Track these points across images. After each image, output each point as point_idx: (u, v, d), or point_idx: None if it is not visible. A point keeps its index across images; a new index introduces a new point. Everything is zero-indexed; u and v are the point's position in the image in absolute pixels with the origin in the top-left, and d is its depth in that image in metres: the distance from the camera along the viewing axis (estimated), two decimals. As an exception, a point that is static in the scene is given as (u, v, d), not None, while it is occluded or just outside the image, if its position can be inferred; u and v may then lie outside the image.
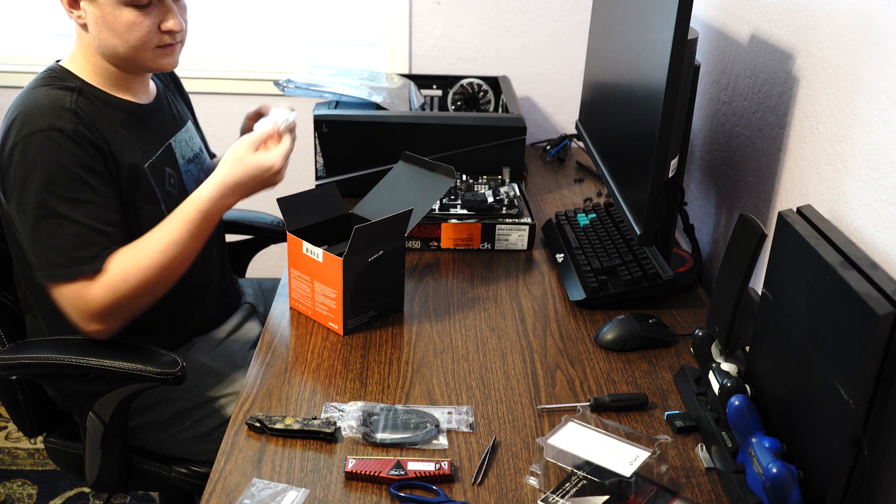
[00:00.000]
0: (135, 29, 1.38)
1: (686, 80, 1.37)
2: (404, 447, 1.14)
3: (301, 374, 1.30)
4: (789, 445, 1.04)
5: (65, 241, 1.30)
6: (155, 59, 1.43)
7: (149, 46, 1.41)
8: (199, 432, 1.51)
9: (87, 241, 1.31)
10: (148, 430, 1.52)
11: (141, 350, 1.37)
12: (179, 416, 1.51)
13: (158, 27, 1.40)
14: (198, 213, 1.38)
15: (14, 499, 2.15)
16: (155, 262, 1.35)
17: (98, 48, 1.41)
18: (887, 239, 1.06)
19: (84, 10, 1.38)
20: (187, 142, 1.61)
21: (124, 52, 1.40)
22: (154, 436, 1.52)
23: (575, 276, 1.57)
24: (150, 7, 1.38)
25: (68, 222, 1.30)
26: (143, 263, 1.35)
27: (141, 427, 1.51)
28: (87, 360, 1.33)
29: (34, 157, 1.30)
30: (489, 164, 1.93)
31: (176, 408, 1.51)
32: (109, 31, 1.38)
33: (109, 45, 1.39)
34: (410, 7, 2.37)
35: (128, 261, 1.34)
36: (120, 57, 1.41)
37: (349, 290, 1.36)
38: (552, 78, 2.45)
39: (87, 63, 1.43)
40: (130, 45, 1.39)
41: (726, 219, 1.71)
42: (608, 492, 1.04)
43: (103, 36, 1.38)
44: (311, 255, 1.39)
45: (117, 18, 1.37)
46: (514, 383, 1.29)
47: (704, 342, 1.26)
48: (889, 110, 1.08)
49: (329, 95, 1.99)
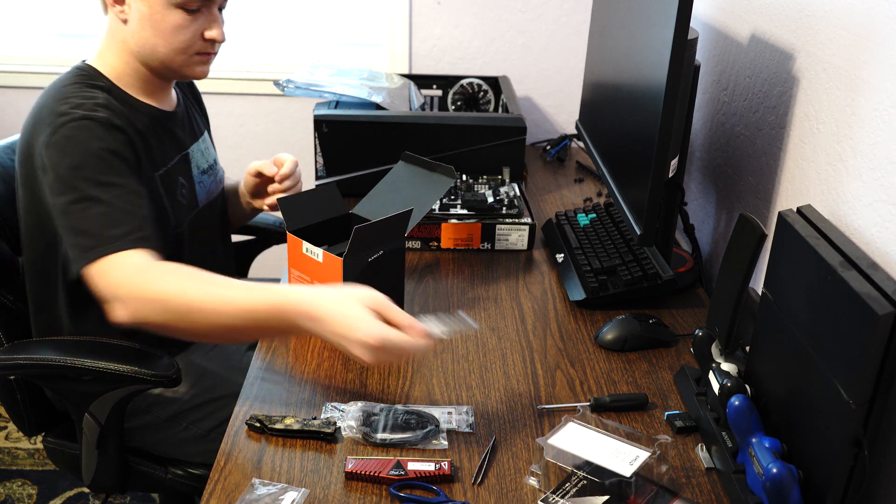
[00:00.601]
0: (180, 32, 1.38)
1: (686, 80, 1.37)
2: (404, 447, 1.14)
3: (301, 374, 1.30)
4: (789, 445, 1.04)
5: (95, 222, 1.27)
6: (191, 65, 1.44)
7: (189, 52, 1.42)
8: (195, 434, 1.51)
9: (115, 220, 1.27)
10: (145, 431, 1.52)
11: (137, 352, 1.37)
12: (176, 418, 1.51)
13: (201, 34, 1.41)
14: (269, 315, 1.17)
15: (14, 499, 2.15)
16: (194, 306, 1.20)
17: (135, 46, 1.40)
18: (887, 239, 1.06)
19: (129, 6, 1.37)
20: (203, 153, 1.62)
21: (164, 53, 1.40)
22: (151, 437, 1.52)
23: (575, 276, 1.57)
24: (198, 13, 1.39)
25: (96, 203, 1.28)
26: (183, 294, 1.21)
27: (138, 428, 1.51)
28: (82, 362, 1.33)
29: (65, 144, 1.29)
30: (489, 164, 1.93)
31: (173, 409, 1.51)
32: (153, 31, 1.38)
33: (150, 44, 1.39)
34: (410, 7, 2.37)
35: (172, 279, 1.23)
36: (158, 58, 1.41)
37: None
38: (552, 78, 2.45)
39: (118, 62, 1.43)
40: (172, 48, 1.40)
41: (726, 219, 1.71)
42: (608, 492, 1.04)
43: (145, 34, 1.38)
44: (311, 256, 1.39)
45: (165, 19, 1.37)
46: (514, 383, 1.29)
47: (704, 342, 1.25)
48: (889, 110, 1.08)
49: (329, 95, 1.99)
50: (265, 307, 1.17)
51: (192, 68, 1.45)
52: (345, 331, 1.11)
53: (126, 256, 1.25)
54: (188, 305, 1.20)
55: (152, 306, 1.22)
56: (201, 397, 1.52)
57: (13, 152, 1.61)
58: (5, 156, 1.58)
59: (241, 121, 2.57)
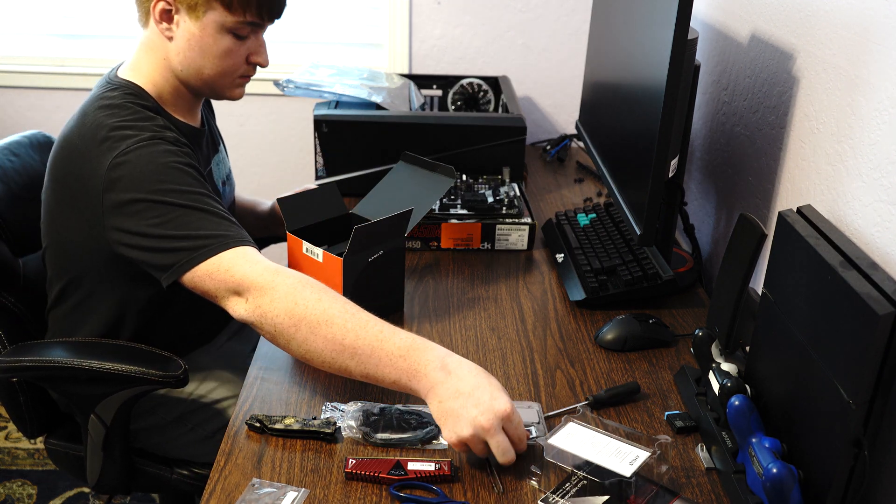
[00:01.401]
0: (229, 56, 1.40)
1: (686, 80, 1.37)
2: (404, 447, 1.14)
3: (301, 374, 1.30)
4: (789, 445, 1.04)
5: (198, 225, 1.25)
6: (232, 87, 1.46)
7: (234, 75, 1.43)
8: (201, 435, 1.51)
9: (217, 222, 1.26)
10: (150, 432, 1.52)
11: (143, 352, 1.37)
12: (181, 419, 1.51)
13: (247, 59, 1.43)
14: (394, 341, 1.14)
15: (14, 499, 2.15)
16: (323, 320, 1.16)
17: (179, 65, 1.40)
18: (887, 239, 1.06)
19: (177, 25, 1.37)
20: (221, 164, 1.63)
21: (209, 75, 1.41)
22: (156, 438, 1.52)
23: (575, 276, 1.57)
24: (247, 39, 1.41)
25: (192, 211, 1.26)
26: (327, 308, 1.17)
27: (143, 430, 1.51)
28: (88, 363, 1.33)
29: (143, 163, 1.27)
30: (489, 164, 1.93)
31: (178, 411, 1.51)
32: (201, 52, 1.38)
33: (196, 65, 1.39)
34: (410, 7, 2.37)
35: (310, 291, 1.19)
36: (201, 78, 1.41)
37: (349, 290, 1.36)
38: (552, 78, 2.45)
39: (158, 77, 1.41)
40: (218, 71, 1.41)
41: (726, 219, 1.71)
42: (608, 492, 1.04)
43: (192, 55, 1.38)
44: (311, 255, 1.39)
45: (216, 42, 1.38)
46: (514, 383, 1.29)
47: (704, 342, 1.26)
48: (889, 110, 1.08)
49: (329, 95, 1.99)
50: (400, 340, 1.13)
51: (233, 90, 1.47)
52: (472, 393, 1.06)
53: (247, 252, 1.24)
54: (324, 315, 1.16)
55: (287, 307, 1.17)
56: (207, 398, 1.52)
57: (12, 153, 1.61)
58: (4, 157, 1.58)
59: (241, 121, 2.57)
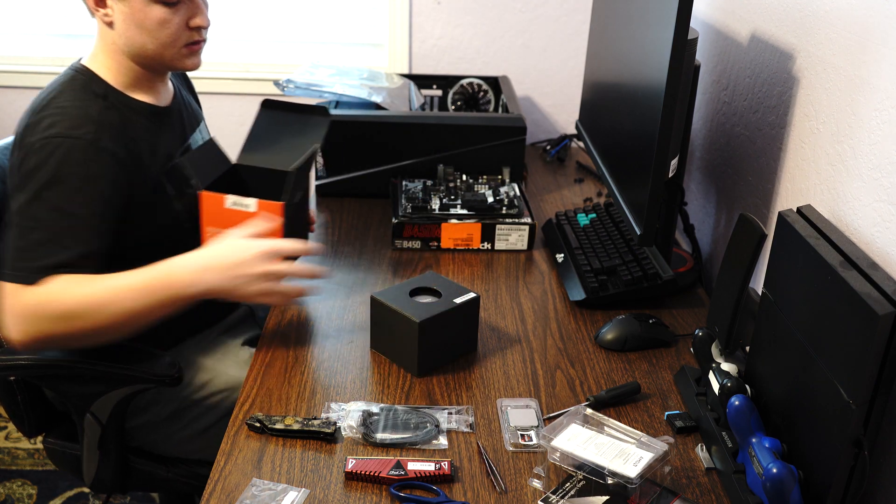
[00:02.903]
0: (165, 26, 1.38)
1: (686, 80, 1.37)
2: (404, 447, 1.14)
3: (301, 374, 1.30)
4: (789, 445, 1.04)
5: (25, 243, 1.28)
6: (181, 58, 1.44)
7: (178, 44, 1.41)
8: (195, 430, 1.51)
9: (42, 252, 1.27)
10: (145, 430, 1.52)
11: (137, 352, 1.37)
12: (175, 416, 1.51)
13: (187, 24, 1.41)
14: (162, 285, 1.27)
15: (14, 499, 2.15)
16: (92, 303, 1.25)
17: (124, 46, 1.40)
18: (887, 239, 1.06)
19: (111, 8, 1.37)
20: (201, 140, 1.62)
21: (153, 49, 1.40)
22: (151, 436, 1.52)
23: (575, 276, 1.57)
24: (179, 5, 1.39)
25: (40, 228, 1.28)
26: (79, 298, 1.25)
27: (138, 427, 1.51)
28: (84, 363, 1.33)
29: (46, 158, 1.29)
30: (489, 164, 1.93)
31: (171, 407, 1.51)
32: (138, 29, 1.38)
33: (138, 43, 1.39)
34: (410, 7, 2.37)
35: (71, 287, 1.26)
36: (148, 56, 1.41)
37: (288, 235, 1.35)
38: (552, 78, 2.45)
39: (112, 62, 1.42)
40: (160, 43, 1.39)
41: (726, 219, 1.71)
42: (609, 492, 1.04)
43: (131, 34, 1.38)
44: (239, 208, 1.34)
45: (147, 15, 1.37)
46: (514, 383, 1.29)
47: (704, 342, 1.26)
48: (889, 110, 1.08)
49: (329, 95, 1.99)
50: (157, 278, 1.26)
51: (183, 61, 1.44)
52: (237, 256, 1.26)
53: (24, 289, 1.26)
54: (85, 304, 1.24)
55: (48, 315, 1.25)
56: (199, 394, 1.52)
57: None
58: (3, 157, 1.58)
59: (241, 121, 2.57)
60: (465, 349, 1.35)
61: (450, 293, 1.33)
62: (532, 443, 1.15)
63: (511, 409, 1.21)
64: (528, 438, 1.15)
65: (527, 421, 1.19)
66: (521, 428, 1.17)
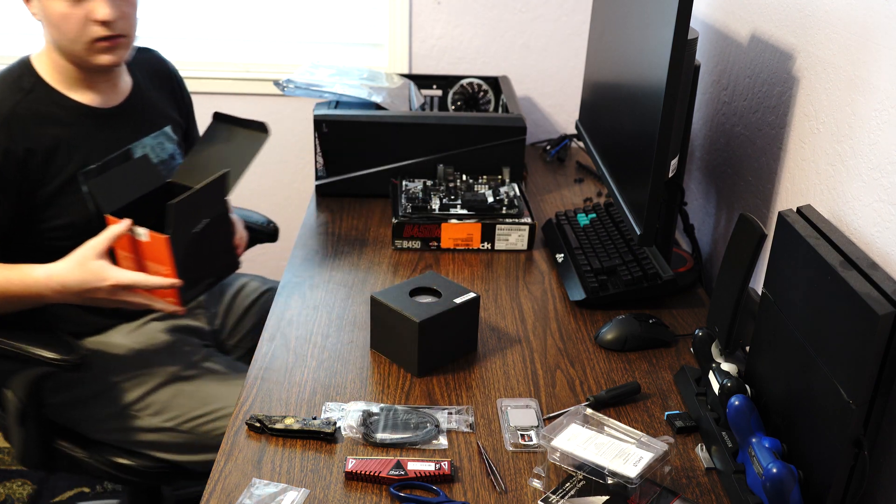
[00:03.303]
0: (67, 20, 1.35)
1: (686, 80, 1.37)
2: (404, 447, 1.14)
3: (301, 374, 1.30)
4: (789, 445, 1.04)
5: None
6: (93, 53, 1.39)
7: (83, 39, 1.37)
8: (114, 411, 1.51)
9: None
10: (68, 408, 1.52)
11: (45, 334, 1.38)
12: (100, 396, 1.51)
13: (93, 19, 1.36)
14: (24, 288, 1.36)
15: (14, 499, 2.15)
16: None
17: (51, 42, 1.40)
18: (887, 239, 1.06)
19: (32, 4, 1.37)
20: (154, 148, 1.58)
21: (65, 45, 1.38)
22: (76, 414, 1.52)
23: (575, 276, 1.57)
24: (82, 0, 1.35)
25: None
26: None
27: (62, 405, 1.51)
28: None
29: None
30: (489, 164, 1.93)
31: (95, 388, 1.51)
32: (49, 24, 1.37)
33: (54, 38, 1.38)
34: (410, 7, 2.37)
35: None
36: (65, 51, 1.39)
37: (181, 265, 1.34)
38: (552, 78, 2.45)
39: (49, 59, 1.43)
40: (67, 38, 1.36)
41: (726, 219, 1.71)
42: (609, 492, 1.04)
43: (49, 30, 1.38)
44: (136, 236, 1.35)
45: (51, 9, 1.35)
46: (514, 383, 1.29)
47: (704, 342, 1.26)
48: (889, 110, 1.08)
49: (329, 95, 1.99)
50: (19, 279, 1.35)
51: (96, 56, 1.40)
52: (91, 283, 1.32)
53: None
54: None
55: None
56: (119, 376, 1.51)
57: None
58: None
59: (240, 121, 2.57)
60: (465, 349, 1.35)
61: (450, 293, 1.33)
62: (532, 443, 1.15)
63: (511, 409, 1.21)
64: (528, 438, 1.15)
65: (527, 421, 1.19)
66: (521, 428, 1.17)
